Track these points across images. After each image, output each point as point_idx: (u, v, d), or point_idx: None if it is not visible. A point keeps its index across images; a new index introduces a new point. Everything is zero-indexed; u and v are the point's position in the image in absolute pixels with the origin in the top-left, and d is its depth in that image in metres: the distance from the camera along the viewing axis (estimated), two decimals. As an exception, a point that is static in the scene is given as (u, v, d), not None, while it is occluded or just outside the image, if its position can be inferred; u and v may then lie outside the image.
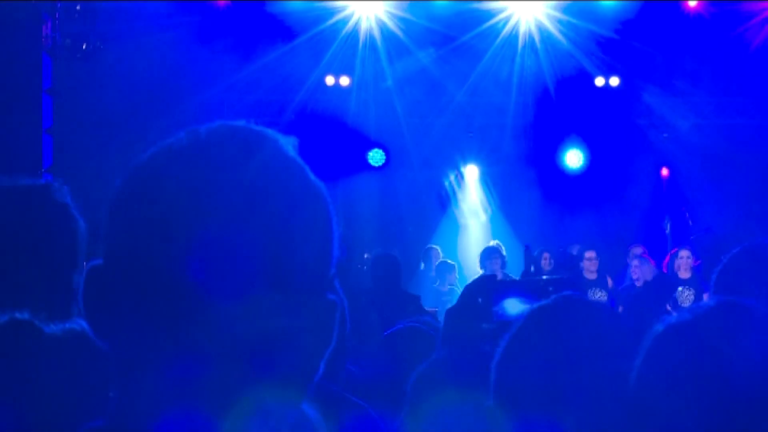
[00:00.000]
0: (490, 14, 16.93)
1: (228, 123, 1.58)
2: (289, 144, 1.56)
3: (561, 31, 17.05)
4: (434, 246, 15.25)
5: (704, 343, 2.04)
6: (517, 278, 13.26)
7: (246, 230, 1.48)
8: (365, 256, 14.00)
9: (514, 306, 3.86)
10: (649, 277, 13.35)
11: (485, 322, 3.66)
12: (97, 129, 14.96)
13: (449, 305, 4.62)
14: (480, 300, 4.03)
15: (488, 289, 4.08)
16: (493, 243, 15.16)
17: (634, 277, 13.75)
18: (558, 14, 16.89)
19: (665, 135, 17.25)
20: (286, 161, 1.58)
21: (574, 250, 14.43)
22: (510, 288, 4.11)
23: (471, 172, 17.76)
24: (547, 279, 5.82)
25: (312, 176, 1.59)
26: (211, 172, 1.50)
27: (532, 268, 13.80)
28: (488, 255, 13.75)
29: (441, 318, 5.02)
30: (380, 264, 10.04)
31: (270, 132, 1.59)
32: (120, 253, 1.50)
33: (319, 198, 1.60)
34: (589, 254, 14.40)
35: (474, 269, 14.23)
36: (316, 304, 1.54)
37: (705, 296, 11.34)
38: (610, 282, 14.21)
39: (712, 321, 2.07)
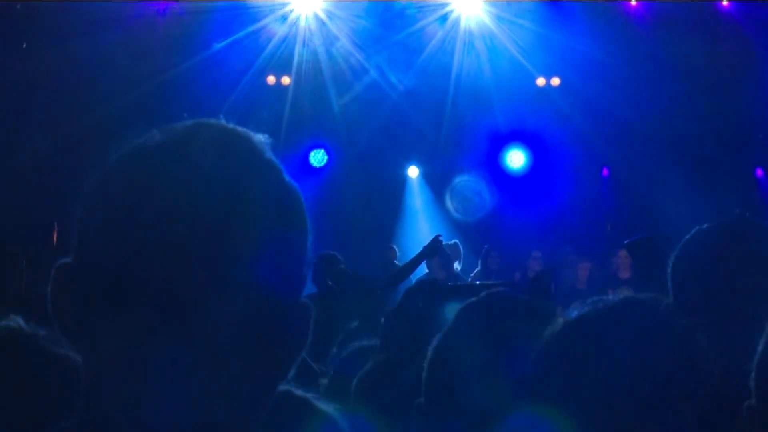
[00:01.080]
0: (430, 12, 17.01)
1: (203, 121, 1.57)
2: (263, 143, 1.56)
3: (502, 30, 17.11)
4: (393, 246, 15.27)
5: (596, 340, 2.04)
6: (469, 279, 13.40)
7: (221, 229, 1.47)
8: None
9: (454, 310, 3.86)
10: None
11: (426, 325, 3.64)
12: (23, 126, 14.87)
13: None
14: (420, 304, 4.05)
15: (428, 292, 4.09)
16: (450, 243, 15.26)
17: (583, 279, 13.93)
18: (500, 12, 16.94)
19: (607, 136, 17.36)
20: (262, 160, 1.58)
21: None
22: (450, 292, 4.11)
23: (412, 172, 17.76)
24: (488, 283, 5.85)
25: (287, 176, 1.60)
26: (185, 170, 1.49)
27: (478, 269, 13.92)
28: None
29: None
30: (322, 264, 10.10)
31: (244, 131, 1.59)
32: (92, 251, 1.48)
33: (295, 198, 1.60)
34: (535, 254, 14.67)
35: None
36: (292, 306, 1.54)
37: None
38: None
39: (611, 318, 2.06)
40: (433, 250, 9.26)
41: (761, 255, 3.17)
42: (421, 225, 16.95)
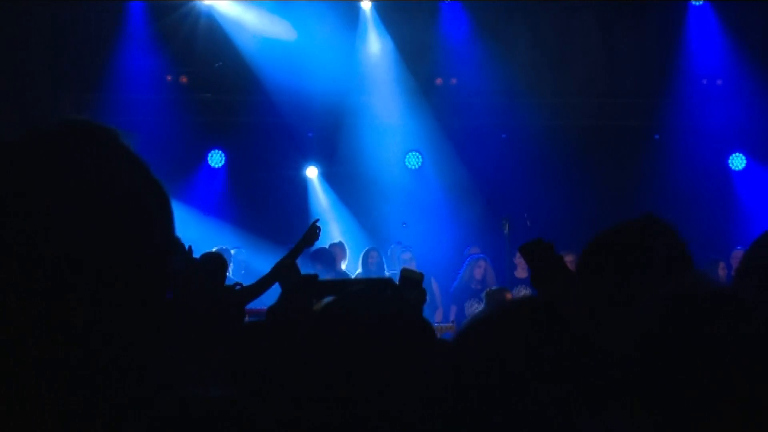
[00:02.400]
0: (330, 11, 17.07)
1: (69, 119, 1.57)
2: (129, 141, 1.57)
3: (402, 28, 17.38)
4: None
5: (491, 341, 2.07)
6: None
7: (85, 226, 1.47)
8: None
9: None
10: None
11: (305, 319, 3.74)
12: None
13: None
14: (299, 299, 4.15)
15: (307, 289, 4.20)
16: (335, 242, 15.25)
17: (478, 277, 14.01)
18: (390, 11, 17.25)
19: (504, 136, 17.53)
20: (128, 158, 1.58)
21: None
22: (328, 288, 4.20)
23: (311, 173, 17.80)
24: (363, 278, 5.92)
25: (153, 174, 1.60)
26: (50, 168, 1.49)
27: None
28: (317, 256, 13.76)
29: None
30: (206, 264, 9.97)
31: (111, 128, 1.60)
32: None
33: (160, 195, 1.60)
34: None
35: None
36: (155, 303, 1.53)
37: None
38: (434, 284, 14.38)
39: (509, 319, 2.12)
40: (313, 238, 9.18)
41: (665, 251, 3.28)
42: (329, 225, 16.97)
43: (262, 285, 9.30)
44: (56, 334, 1.45)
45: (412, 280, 4.61)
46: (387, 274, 13.92)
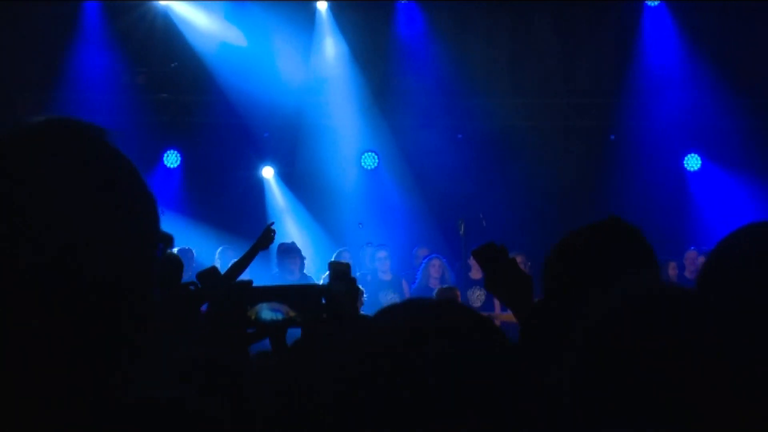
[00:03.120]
0: (286, 11, 17.14)
1: (56, 118, 1.59)
2: (116, 142, 1.62)
3: (358, 29, 17.48)
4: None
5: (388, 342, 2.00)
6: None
7: (72, 224, 1.48)
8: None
9: (266, 311, 4.06)
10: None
11: (242, 325, 3.81)
12: None
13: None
14: (235, 305, 4.18)
15: (242, 294, 4.24)
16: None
17: (436, 276, 14.04)
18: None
19: (459, 136, 17.63)
20: (116, 158, 1.61)
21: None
22: (262, 294, 4.20)
23: (267, 173, 17.82)
24: (297, 285, 5.96)
25: (138, 172, 1.63)
26: (36, 166, 1.50)
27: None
28: (284, 251, 13.76)
29: None
30: (162, 264, 9.98)
31: (97, 127, 1.62)
32: None
33: (146, 193, 1.63)
34: (381, 254, 14.60)
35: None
36: (141, 304, 1.54)
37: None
38: (404, 284, 14.42)
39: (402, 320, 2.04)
40: (268, 240, 9.23)
41: (631, 254, 3.31)
42: (286, 225, 17.00)
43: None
44: (44, 332, 1.45)
45: (338, 272, 4.64)
46: (358, 274, 14.04)
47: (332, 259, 14.48)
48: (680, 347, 1.95)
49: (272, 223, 9.50)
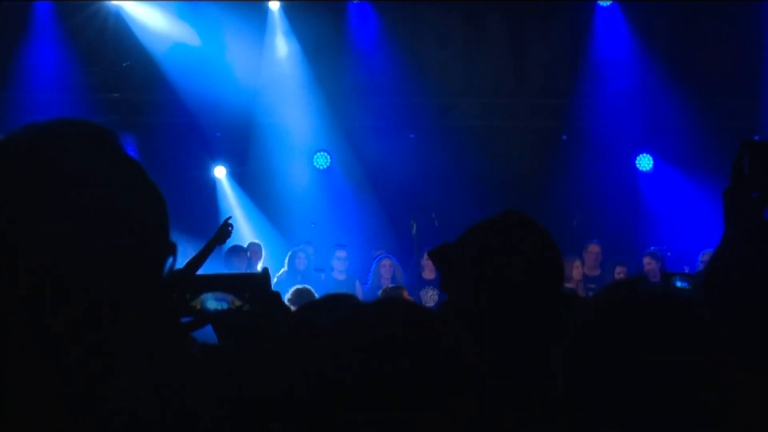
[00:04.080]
0: (239, 11, 17.25)
1: (67, 119, 1.62)
2: (126, 144, 1.65)
3: (310, 28, 17.58)
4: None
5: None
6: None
7: (82, 226, 1.50)
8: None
9: (210, 301, 4.08)
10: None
11: (184, 315, 3.77)
12: None
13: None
14: (176, 294, 4.22)
15: (182, 283, 4.26)
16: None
17: (386, 275, 14.08)
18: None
19: (412, 136, 17.74)
20: (126, 160, 1.65)
21: None
22: (203, 283, 4.18)
23: (219, 172, 17.86)
24: (242, 274, 5.90)
25: (148, 175, 1.66)
26: (47, 166, 1.53)
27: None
28: (232, 252, 13.84)
29: None
30: None
31: (108, 129, 1.67)
32: None
33: (157, 198, 1.64)
34: (341, 254, 14.69)
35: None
36: (152, 307, 1.56)
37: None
38: (358, 285, 14.49)
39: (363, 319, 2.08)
40: (225, 236, 9.25)
41: (525, 247, 3.26)
42: (239, 224, 17.03)
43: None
44: (47, 335, 1.46)
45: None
46: (314, 271, 14.16)
47: (287, 259, 14.62)
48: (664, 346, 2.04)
49: (229, 218, 9.54)
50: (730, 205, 3.04)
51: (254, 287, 4.04)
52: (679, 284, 7.42)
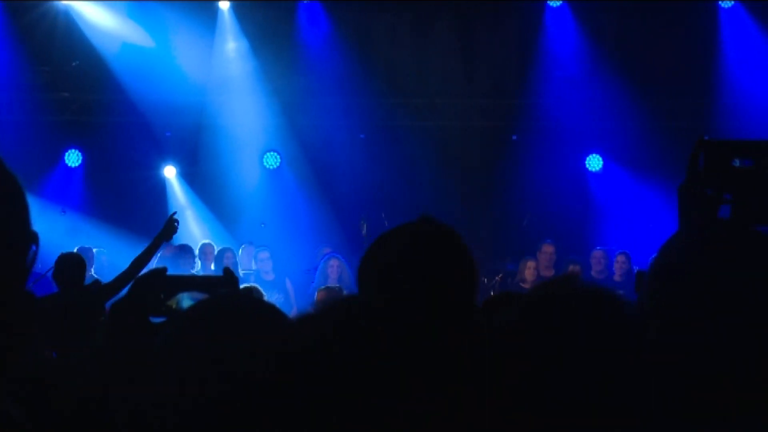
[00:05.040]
0: (189, 10, 17.38)
1: None
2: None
3: (260, 28, 17.70)
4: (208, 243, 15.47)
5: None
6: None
7: None
8: None
9: (185, 300, 4.13)
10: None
11: (154, 315, 3.75)
12: None
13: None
14: (147, 294, 4.27)
15: (156, 283, 4.32)
16: (205, 242, 15.46)
17: (333, 276, 14.15)
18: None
19: (362, 136, 17.94)
20: None
21: None
22: (178, 283, 4.20)
23: (169, 172, 17.91)
24: (212, 276, 5.96)
25: (6, 166, 1.61)
26: None
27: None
28: (181, 252, 13.95)
29: None
30: (64, 263, 10.04)
31: None
32: None
33: (15, 188, 1.60)
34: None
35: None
36: (11, 297, 1.54)
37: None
38: (288, 284, 14.57)
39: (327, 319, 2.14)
40: (171, 231, 9.34)
41: (440, 256, 3.24)
42: (189, 224, 17.07)
43: (121, 281, 9.52)
44: None
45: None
46: (241, 273, 14.13)
47: (216, 254, 14.71)
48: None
49: (174, 213, 9.60)
50: (684, 202, 3.21)
51: (230, 287, 4.08)
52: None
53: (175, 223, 9.39)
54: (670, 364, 2.24)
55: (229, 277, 4.10)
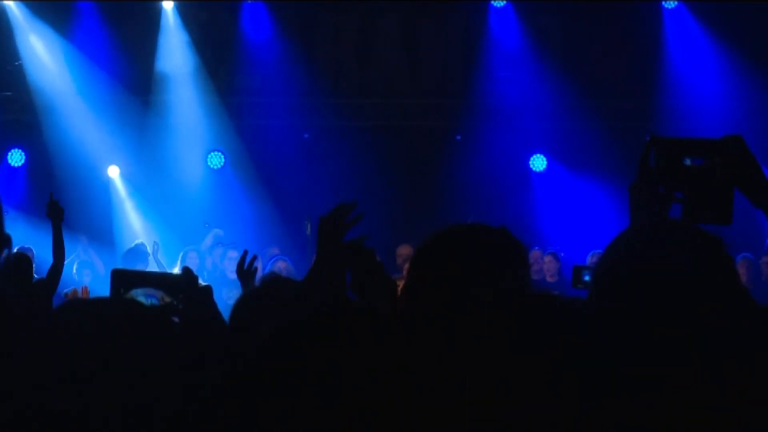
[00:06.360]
0: (132, 10, 17.54)
1: None
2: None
3: (203, 28, 17.95)
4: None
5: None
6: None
7: None
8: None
9: (141, 297, 4.20)
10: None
11: None
12: None
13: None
14: (111, 291, 4.43)
15: (118, 280, 4.47)
16: (138, 242, 15.48)
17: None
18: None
19: (306, 136, 18.17)
20: None
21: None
22: (139, 278, 4.34)
23: (112, 172, 17.97)
24: (170, 274, 6.08)
25: None
26: None
27: None
28: (133, 253, 14.07)
29: None
30: (14, 262, 10.15)
31: None
32: None
33: None
34: (232, 254, 14.74)
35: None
36: None
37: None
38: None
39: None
40: (58, 212, 9.46)
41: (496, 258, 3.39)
42: (133, 225, 17.12)
43: (53, 275, 9.72)
44: None
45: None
46: (205, 273, 14.29)
47: (179, 259, 14.81)
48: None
49: (52, 194, 9.69)
50: (636, 199, 3.26)
51: (188, 285, 4.26)
52: (587, 278, 7.76)
53: (57, 203, 9.50)
54: (614, 359, 2.31)
55: (188, 276, 4.27)
